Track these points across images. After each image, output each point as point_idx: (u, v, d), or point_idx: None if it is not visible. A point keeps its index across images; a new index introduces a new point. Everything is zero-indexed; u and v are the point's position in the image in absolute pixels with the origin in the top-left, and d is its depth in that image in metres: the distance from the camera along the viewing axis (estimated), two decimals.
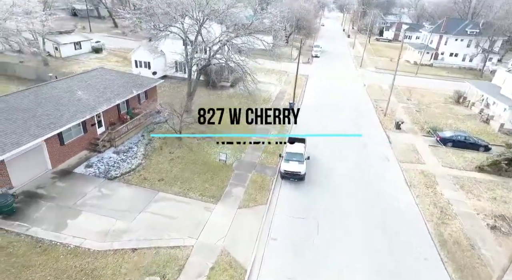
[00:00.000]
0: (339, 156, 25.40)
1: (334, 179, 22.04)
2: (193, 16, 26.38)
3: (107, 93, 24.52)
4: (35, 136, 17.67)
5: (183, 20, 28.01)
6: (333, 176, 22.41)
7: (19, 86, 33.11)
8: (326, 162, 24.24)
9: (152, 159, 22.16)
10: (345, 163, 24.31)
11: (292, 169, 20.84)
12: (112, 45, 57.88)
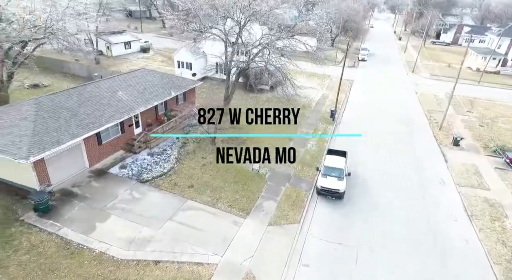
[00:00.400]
0: (385, 173, 22.88)
1: (378, 201, 19.72)
2: (233, 18, 25.59)
3: (146, 94, 24.69)
4: (75, 136, 18.01)
5: (224, 21, 27.41)
6: (377, 197, 20.10)
7: (71, 84, 35.18)
8: (370, 179, 21.93)
9: (185, 163, 21.72)
10: (391, 183, 21.77)
11: (330, 185, 18.98)
12: (159, 45, 59.91)
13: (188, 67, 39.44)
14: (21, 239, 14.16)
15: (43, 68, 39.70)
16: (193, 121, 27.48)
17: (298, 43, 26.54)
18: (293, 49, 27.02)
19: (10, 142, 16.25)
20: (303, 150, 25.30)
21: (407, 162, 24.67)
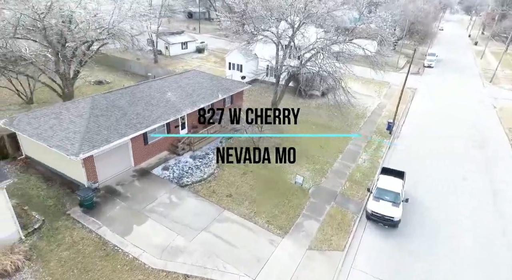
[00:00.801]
0: (453, 204, 19.63)
1: (443, 236, 16.85)
2: (287, 20, 24.31)
3: (194, 96, 24.67)
4: (123, 135, 18.43)
5: (278, 24, 26.29)
6: (442, 231, 17.20)
7: (129, 82, 37.21)
8: (433, 208, 18.97)
9: (225, 169, 21.09)
10: (461, 216, 18.58)
11: (383, 211, 16.68)
12: (214, 46, 61.15)
13: (238, 69, 39.21)
14: (65, 233, 14.67)
15: (107, 66, 42.96)
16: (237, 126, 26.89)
17: (357, 48, 24.26)
18: (351, 54, 24.83)
19: (65, 138, 17.11)
20: (353, 165, 23.06)
21: (483, 193, 20.94)
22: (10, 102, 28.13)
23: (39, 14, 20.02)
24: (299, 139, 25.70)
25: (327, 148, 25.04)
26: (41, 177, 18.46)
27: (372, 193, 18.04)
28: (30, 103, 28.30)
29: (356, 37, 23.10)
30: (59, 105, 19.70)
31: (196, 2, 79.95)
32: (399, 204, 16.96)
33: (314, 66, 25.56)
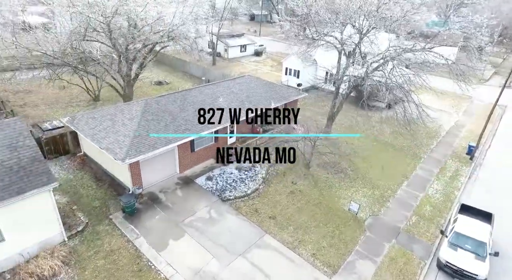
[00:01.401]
0: None
1: None
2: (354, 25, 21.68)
3: (246, 103, 23.54)
4: (170, 141, 18.01)
5: (343, 28, 23.76)
6: None
7: (187, 83, 37.92)
8: None
9: (271, 186, 19.47)
10: None
11: (463, 265, 13.33)
12: (273, 49, 60.05)
13: (295, 75, 37.30)
14: (104, 239, 14.54)
15: (168, 66, 44.63)
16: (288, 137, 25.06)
17: (437, 58, 20.58)
18: (428, 64, 21.18)
19: (116, 141, 17.22)
20: (421, 195, 19.60)
21: None
22: (80, 98, 30.38)
23: (106, 17, 20.77)
24: (357, 156, 22.89)
25: (390, 170, 21.82)
26: (93, 176, 18.99)
27: (447, 238, 14.70)
28: (96, 101, 30.23)
29: (440, 44, 19.47)
30: (115, 107, 20.16)
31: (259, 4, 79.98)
32: (485, 257, 13.43)
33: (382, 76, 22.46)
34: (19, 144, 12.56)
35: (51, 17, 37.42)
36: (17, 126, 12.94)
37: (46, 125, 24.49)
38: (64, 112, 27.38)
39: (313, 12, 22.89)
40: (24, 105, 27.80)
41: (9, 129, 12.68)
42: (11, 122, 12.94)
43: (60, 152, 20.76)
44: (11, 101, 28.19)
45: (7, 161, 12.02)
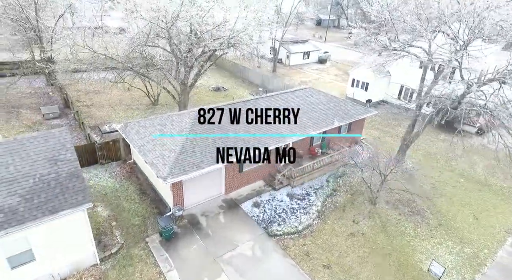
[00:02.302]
0: None
1: None
2: (448, 34, 17.45)
3: (304, 120, 20.87)
4: (216, 160, 16.30)
5: (432, 37, 19.56)
6: None
7: (245, 91, 36.56)
8: None
9: (328, 222, 16.48)
10: None
11: None
12: (338, 57, 56.02)
13: (363, 88, 33.24)
14: (136, 267, 13.32)
15: (227, 71, 43.99)
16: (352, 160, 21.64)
17: None
18: None
19: (161, 155, 16.10)
20: None
21: None
22: (141, 101, 30.97)
23: (166, 23, 20.10)
24: (438, 195, 18.52)
25: (485, 220, 17.06)
26: (138, 188, 18.26)
27: None
28: (155, 105, 30.51)
29: None
30: (166, 117, 19.23)
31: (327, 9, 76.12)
32: None
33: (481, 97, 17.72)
34: (60, 157, 11.90)
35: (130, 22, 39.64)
36: (61, 137, 12.36)
37: (105, 128, 25.12)
38: (124, 115, 27.98)
39: (396, 17, 19.21)
40: (91, 105, 29.18)
41: (53, 140, 12.14)
42: (57, 132, 12.41)
43: (112, 157, 20.66)
44: (81, 101, 29.88)
45: (46, 176, 11.39)
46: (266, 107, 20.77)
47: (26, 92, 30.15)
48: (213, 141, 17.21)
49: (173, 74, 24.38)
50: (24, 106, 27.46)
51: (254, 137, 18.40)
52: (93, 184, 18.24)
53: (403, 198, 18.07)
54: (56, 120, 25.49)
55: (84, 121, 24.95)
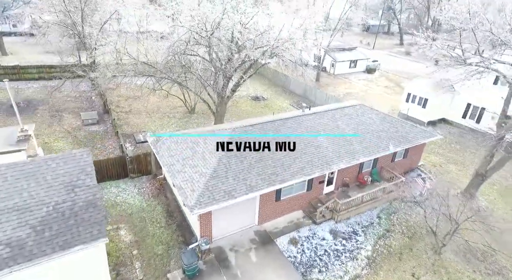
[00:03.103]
0: None
1: None
2: None
3: (354, 143, 18.12)
4: (251, 189, 14.29)
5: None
6: None
7: (285, 101, 34.30)
8: None
9: (380, 273, 13.62)
10: None
11: None
12: (389, 66, 51.56)
13: (420, 104, 29.28)
14: None
15: (267, 79, 42.05)
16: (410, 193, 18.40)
17: None
18: None
19: (190, 178, 14.48)
20: None
21: None
22: (178, 109, 30.17)
23: (207, 31, 18.65)
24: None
25: None
26: (166, 209, 16.87)
27: None
28: (192, 113, 29.50)
29: None
30: (199, 133, 17.65)
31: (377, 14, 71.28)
32: None
33: None
34: (78, 183, 10.67)
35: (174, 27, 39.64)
36: (82, 159, 11.17)
37: (140, 137, 24.42)
38: (160, 123, 27.25)
39: (476, 23, 15.78)
40: (129, 112, 28.93)
41: (73, 163, 10.96)
42: (78, 154, 11.24)
43: (143, 171, 19.62)
44: (120, 106, 29.82)
45: (61, 204, 10.18)
46: (310, 126, 18.40)
47: (71, 96, 30.84)
48: (249, 165, 15.24)
49: (211, 84, 23.01)
50: (68, 110, 27.92)
51: (295, 161, 16.13)
52: (121, 201, 17.21)
53: (478, 247, 14.55)
54: (94, 126, 25.38)
55: (119, 130, 24.52)
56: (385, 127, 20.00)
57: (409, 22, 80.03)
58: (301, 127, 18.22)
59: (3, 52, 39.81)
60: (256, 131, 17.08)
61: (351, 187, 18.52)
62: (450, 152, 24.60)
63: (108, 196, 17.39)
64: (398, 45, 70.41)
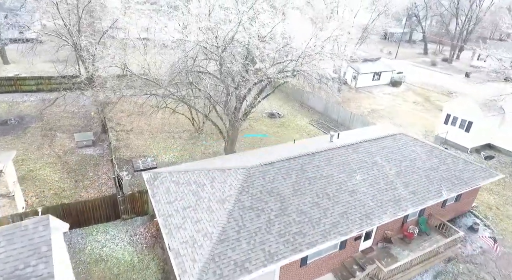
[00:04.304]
0: None
1: None
2: None
3: (398, 186, 14.45)
4: (271, 259, 10.81)
5: None
6: None
7: (303, 118, 30.69)
8: None
9: None
10: None
11: None
12: (413, 77, 47.47)
13: (463, 127, 25.23)
14: None
15: (282, 93, 38.54)
16: (467, 246, 14.55)
17: None
18: None
19: (191, 239, 11.11)
20: None
21: None
22: (185, 127, 27.05)
23: (218, 47, 15.42)
24: None
25: None
26: (161, 268, 13.54)
27: None
28: (199, 133, 26.32)
29: None
30: (206, 173, 14.23)
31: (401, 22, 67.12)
32: None
33: None
34: (24, 273, 7.38)
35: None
36: (37, 235, 7.92)
37: (139, 164, 21.29)
38: (164, 145, 24.14)
39: None
40: (131, 131, 25.94)
41: (22, 242, 7.72)
42: (31, 227, 7.99)
43: (138, 212, 16.40)
44: (121, 124, 26.90)
45: None
46: (342, 163, 14.83)
47: (69, 111, 28.10)
48: (267, 220, 11.77)
49: (222, 108, 19.76)
50: (63, 128, 25.14)
51: (326, 213, 12.59)
52: (107, 254, 13.96)
53: None
54: (89, 149, 22.45)
55: (117, 154, 21.53)
56: (433, 164, 16.23)
57: (431, 29, 75.48)
58: (331, 165, 14.66)
59: (4, 60, 37.77)
60: (276, 172, 13.62)
61: (397, 242, 14.77)
62: (506, 189, 20.51)
63: (92, 247, 14.18)
64: (422, 55, 66.04)
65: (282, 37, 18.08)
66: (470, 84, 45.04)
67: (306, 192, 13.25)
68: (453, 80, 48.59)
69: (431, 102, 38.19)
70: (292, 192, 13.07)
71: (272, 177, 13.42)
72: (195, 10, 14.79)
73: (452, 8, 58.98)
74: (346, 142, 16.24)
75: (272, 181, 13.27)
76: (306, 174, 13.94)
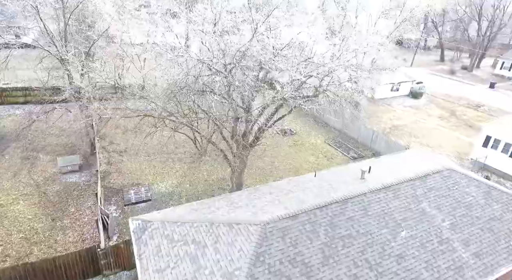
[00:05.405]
0: None
1: None
2: None
3: (456, 246, 11.13)
4: None
5: None
6: None
7: (318, 136, 27.32)
8: None
9: None
10: None
11: None
12: (434, 87, 44.09)
13: (507, 152, 21.77)
14: None
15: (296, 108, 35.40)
16: None
17: None
18: None
19: None
20: None
21: None
22: (186, 148, 23.96)
23: (226, 65, 12.32)
24: None
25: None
26: None
27: None
28: (202, 156, 23.21)
29: None
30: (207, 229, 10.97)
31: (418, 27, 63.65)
32: None
33: None
34: None
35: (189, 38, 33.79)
36: None
37: (130, 195, 18.19)
38: (161, 170, 21.14)
39: None
40: (124, 151, 22.94)
41: None
42: None
43: (123, 265, 13.26)
44: (114, 143, 23.91)
45: None
46: (382, 213, 11.55)
47: (58, 126, 25.09)
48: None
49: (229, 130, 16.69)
50: (47, 148, 22.21)
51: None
52: None
53: None
54: (74, 175, 19.44)
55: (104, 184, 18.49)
56: (496, 211, 12.87)
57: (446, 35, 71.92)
58: (368, 217, 11.37)
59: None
60: (299, 230, 10.37)
61: None
62: None
63: None
64: (439, 62, 62.53)
65: (301, 50, 15.03)
66: (498, 96, 41.51)
67: (340, 259, 9.98)
68: (477, 91, 45.03)
69: (457, 116, 34.73)
70: (322, 260, 9.81)
71: (295, 237, 10.17)
72: (197, 18, 11.75)
73: (473, 13, 55.49)
74: (382, 182, 12.94)
75: (295, 243, 10.02)
76: (338, 232, 10.67)
